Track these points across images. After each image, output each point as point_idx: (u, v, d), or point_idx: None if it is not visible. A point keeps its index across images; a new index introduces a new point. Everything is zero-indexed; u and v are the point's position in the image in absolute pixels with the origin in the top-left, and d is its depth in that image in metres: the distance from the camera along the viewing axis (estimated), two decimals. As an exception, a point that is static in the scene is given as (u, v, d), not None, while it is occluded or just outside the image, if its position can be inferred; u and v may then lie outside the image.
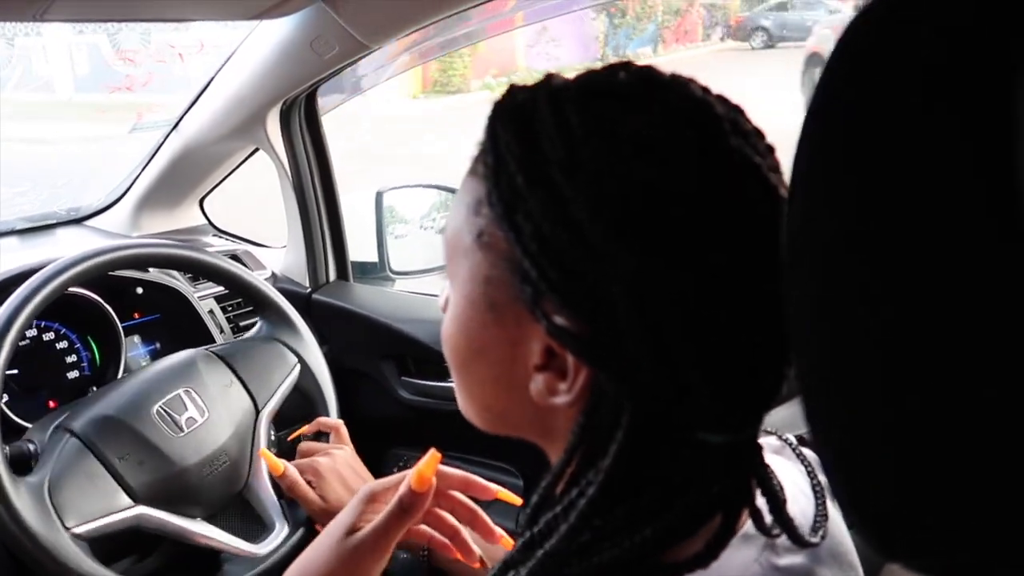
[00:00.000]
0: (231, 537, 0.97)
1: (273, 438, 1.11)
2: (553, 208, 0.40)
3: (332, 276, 1.48)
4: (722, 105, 0.43)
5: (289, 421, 1.20)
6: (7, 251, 1.45)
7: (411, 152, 7.23)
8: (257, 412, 1.06)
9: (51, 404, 1.17)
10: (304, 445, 1.04)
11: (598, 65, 0.46)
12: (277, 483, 1.00)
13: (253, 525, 1.03)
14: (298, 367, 1.13)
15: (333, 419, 1.08)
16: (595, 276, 0.40)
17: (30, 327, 1.15)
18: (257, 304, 1.17)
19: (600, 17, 10.80)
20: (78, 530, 0.87)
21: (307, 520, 1.01)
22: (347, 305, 1.40)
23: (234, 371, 1.07)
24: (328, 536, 0.71)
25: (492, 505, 1.28)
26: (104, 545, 0.94)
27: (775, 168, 0.43)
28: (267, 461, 0.94)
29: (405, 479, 0.70)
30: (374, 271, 1.51)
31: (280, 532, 1.00)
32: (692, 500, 0.42)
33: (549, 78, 0.45)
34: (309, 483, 0.93)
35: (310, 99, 1.37)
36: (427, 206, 1.57)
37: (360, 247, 1.50)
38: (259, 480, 1.03)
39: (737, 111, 0.44)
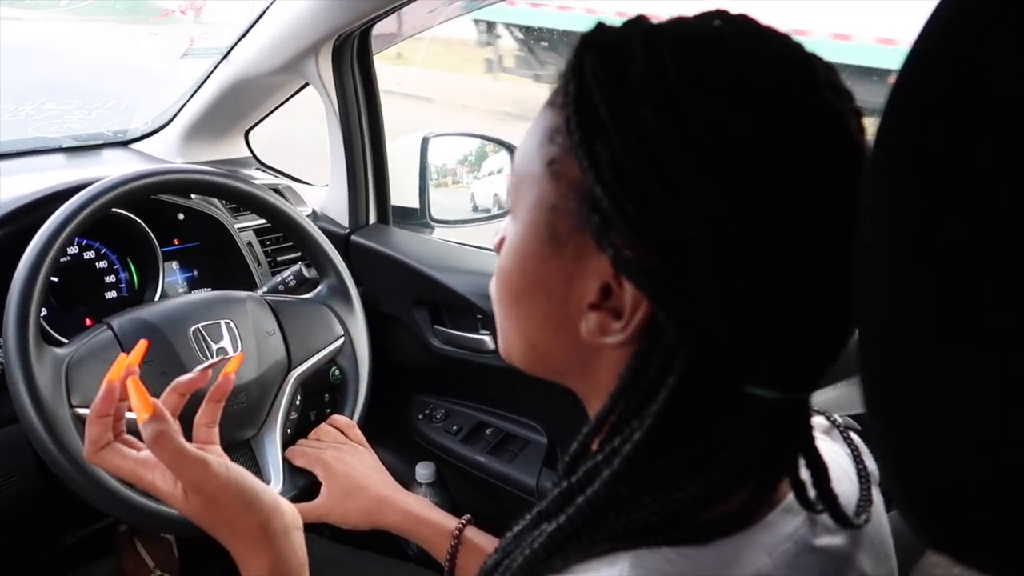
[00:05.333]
0: None
1: (298, 403, 1.10)
2: (636, 140, 0.40)
3: (372, 218, 1.47)
4: (817, 61, 0.42)
5: (318, 392, 1.20)
6: (53, 168, 1.46)
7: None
8: (289, 368, 1.06)
9: (88, 322, 1.19)
10: (321, 428, 1.04)
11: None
12: (287, 444, 1.01)
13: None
14: (342, 340, 1.13)
15: (345, 418, 1.07)
16: (671, 212, 0.39)
17: (72, 244, 1.16)
18: (316, 263, 1.17)
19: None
20: (81, 411, 0.89)
21: (304, 488, 0.98)
22: (385, 249, 1.39)
23: (279, 322, 1.07)
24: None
25: (515, 460, 1.29)
26: None
27: (863, 131, 0.42)
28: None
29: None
30: (414, 217, 1.50)
31: (274, 488, 0.97)
32: (734, 458, 0.41)
33: (640, 19, 0.44)
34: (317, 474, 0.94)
35: (364, 36, 1.35)
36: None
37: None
38: (271, 433, 1.03)
39: (831, 70, 0.42)
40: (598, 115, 0.41)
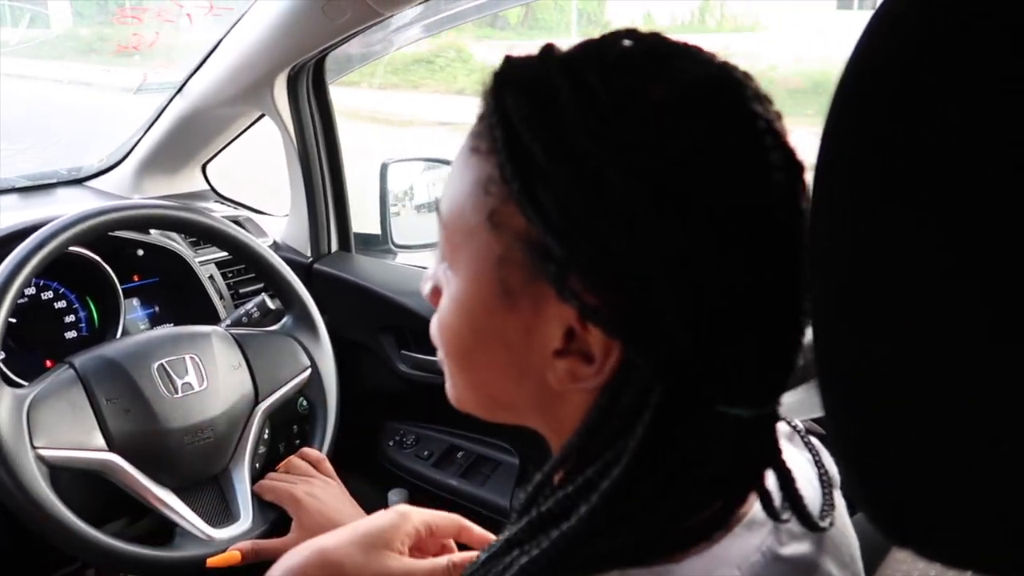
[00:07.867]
0: (190, 512, 0.95)
1: (266, 436, 1.09)
2: (579, 178, 0.38)
3: (334, 247, 1.47)
4: (737, 71, 0.42)
5: (286, 424, 1.19)
6: (7, 209, 1.44)
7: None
8: (256, 402, 1.05)
9: (47, 363, 1.17)
10: (291, 460, 1.03)
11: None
12: (256, 478, 1.00)
13: (219, 511, 1.00)
14: (309, 371, 1.11)
15: (316, 452, 1.05)
16: (628, 247, 0.38)
17: (29, 285, 1.14)
18: (280, 294, 1.16)
19: None
20: (44, 452, 0.87)
21: (275, 523, 0.97)
22: (348, 276, 1.39)
23: (245, 355, 1.06)
24: (357, 544, 0.68)
25: (487, 482, 1.29)
26: (88, 499, 0.94)
27: (788, 134, 0.41)
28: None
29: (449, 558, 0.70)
30: (376, 243, 1.50)
31: (243, 524, 0.97)
32: (709, 475, 0.41)
33: (550, 48, 0.43)
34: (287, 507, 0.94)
35: (319, 66, 1.36)
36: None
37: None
38: (239, 468, 1.02)
39: (750, 77, 0.42)
40: (534, 159, 0.39)
